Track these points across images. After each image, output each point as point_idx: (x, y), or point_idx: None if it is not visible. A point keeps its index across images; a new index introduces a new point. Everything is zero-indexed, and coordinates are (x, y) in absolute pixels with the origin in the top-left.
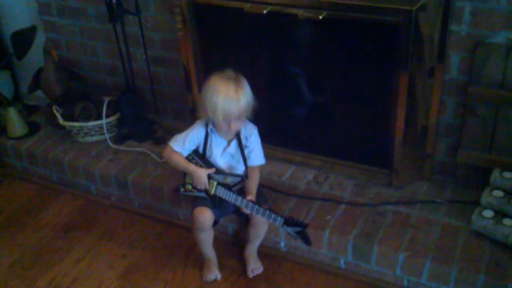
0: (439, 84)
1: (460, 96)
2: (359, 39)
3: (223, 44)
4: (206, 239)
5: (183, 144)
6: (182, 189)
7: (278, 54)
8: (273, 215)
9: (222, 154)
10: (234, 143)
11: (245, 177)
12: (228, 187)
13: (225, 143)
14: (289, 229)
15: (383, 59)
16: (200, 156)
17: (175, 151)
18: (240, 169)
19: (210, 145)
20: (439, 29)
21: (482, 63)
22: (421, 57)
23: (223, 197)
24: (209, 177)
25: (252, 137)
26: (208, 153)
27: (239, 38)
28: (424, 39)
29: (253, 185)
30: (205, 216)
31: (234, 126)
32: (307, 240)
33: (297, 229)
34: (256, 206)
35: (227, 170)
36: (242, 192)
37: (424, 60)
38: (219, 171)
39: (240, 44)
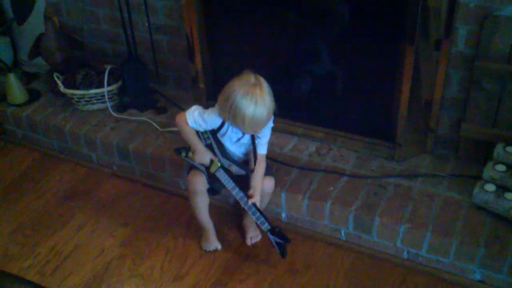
0: (445, 58)
1: (466, 70)
2: (365, 10)
3: (228, 13)
4: (200, 204)
5: (199, 123)
6: (183, 154)
7: (283, 25)
8: (261, 219)
9: (235, 143)
10: (248, 135)
11: (250, 172)
12: (230, 173)
13: (240, 134)
14: (272, 237)
15: (389, 31)
16: (214, 135)
17: (189, 125)
18: (245, 157)
19: (225, 132)
20: (447, 1)
21: (489, 36)
22: (428, 30)
23: (222, 180)
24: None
25: (266, 128)
26: (220, 138)
27: (244, 7)
28: (432, 11)
29: (258, 179)
30: (198, 179)
31: (261, 131)
32: (283, 253)
33: (279, 240)
34: (249, 204)
35: (234, 160)
36: (244, 180)
37: (431, 33)
38: (227, 156)
39: (245, 13)
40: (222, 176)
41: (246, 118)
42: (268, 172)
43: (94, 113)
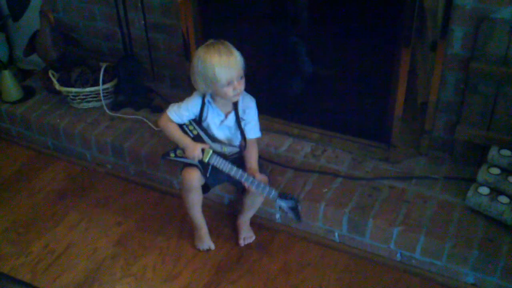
0: (441, 60)
1: (462, 72)
2: (361, 11)
3: (224, 12)
4: (194, 201)
5: (180, 114)
6: (172, 155)
7: (278, 25)
8: (267, 188)
9: (220, 127)
10: (231, 116)
11: (243, 148)
12: (224, 156)
13: (222, 116)
14: (282, 203)
15: (385, 32)
16: (198, 124)
17: (172, 120)
18: (237, 141)
19: (206, 116)
20: (443, 3)
21: (485, 39)
22: (424, 32)
23: (218, 166)
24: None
25: (249, 109)
26: (203, 123)
27: (240, 7)
28: (428, 12)
29: (252, 158)
30: (193, 175)
31: (239, 86)
32: (298, 216)
33: (290, 203)
34: (251, 178)
35: (224, 141)
36: (239, 163)
37: (427, 35)
38: (216, 140)
39: (240, 13)
40: (218, 161)
41: (216, 67)
42: (261, 170)
43: (89, 111)
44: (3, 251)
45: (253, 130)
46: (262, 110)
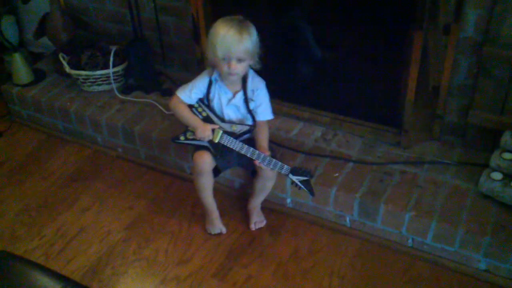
0: (454, 43)
1: (475, 56)
2: None
3: None
4: (205, 185)
5: (189, 93)
6: (182, 138)
7: (289, 8)
8: (279, 164)
9: (228, 106)
10: (239, 95)
11: (252, 127)
12: (234, 135)
13: (230, 94)
14: (295, 178)
15: (397, 15)
16: (207, 106)
17: (182, 101)
18: (248, 122)
19: (214, 96)
20: None
21: (499, 22)
22: (437, 14)
23: (228, 145)
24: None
25: (259, 91)
26: (211, 103)
27: None
28: None
29: (263, 139)
30: (205, 159)
31: (234, 67)
32: (311, 190)
33: (303, 178)
34: (262, 155)
35: (234, 121)
36: (249, 145)
37: (440, 18)
38: (225, 120)
39: None
40: (228, 140)
41: (218, 37)
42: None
43: (99, 94)
44: (17, 234)
45: (264, 112)
46: (272, 94)
